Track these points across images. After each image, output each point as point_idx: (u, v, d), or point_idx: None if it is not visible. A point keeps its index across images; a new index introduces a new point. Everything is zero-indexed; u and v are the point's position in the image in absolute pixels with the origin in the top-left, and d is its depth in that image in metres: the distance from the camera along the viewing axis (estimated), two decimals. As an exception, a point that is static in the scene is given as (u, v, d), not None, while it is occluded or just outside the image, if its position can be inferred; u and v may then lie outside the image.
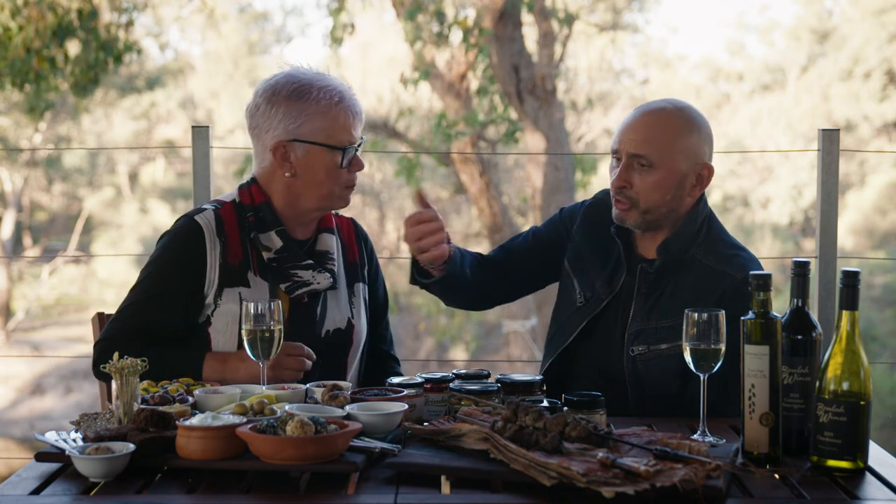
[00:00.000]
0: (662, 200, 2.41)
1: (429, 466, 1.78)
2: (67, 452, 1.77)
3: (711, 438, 1.96)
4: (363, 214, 15.55)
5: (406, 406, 1.99)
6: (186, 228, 2.43)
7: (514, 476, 1.73)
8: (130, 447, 1.77)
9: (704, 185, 2.46)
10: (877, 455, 1.92)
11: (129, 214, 17.83)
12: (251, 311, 2.10)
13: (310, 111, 2.41)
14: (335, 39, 10.94)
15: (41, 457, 1.84)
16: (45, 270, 16.45)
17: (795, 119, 16.63)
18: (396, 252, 15.07)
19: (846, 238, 15.36)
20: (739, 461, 1.82)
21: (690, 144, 2.41)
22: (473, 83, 10.43)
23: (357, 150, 2.48)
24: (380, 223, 16.18)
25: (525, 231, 2.73)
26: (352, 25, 10.96)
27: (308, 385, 2.15)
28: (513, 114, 10.29)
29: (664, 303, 2.40)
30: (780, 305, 1.92)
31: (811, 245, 14.59)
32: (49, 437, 1.89)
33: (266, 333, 2.10)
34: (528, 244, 2.66)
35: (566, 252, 2.61)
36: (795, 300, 1.93)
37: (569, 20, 10.59)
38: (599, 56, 16.41)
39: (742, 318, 1.84)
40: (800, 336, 1.91)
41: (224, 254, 2.42)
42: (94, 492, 1.72)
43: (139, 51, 10.19)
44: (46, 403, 13.66)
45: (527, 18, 10.22)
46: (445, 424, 1.94)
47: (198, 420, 1.81)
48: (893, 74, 15.83)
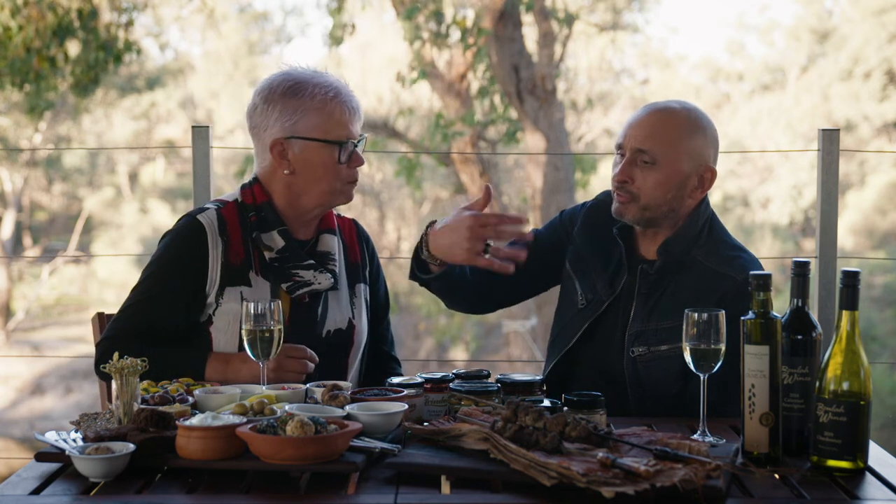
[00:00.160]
0: (663, 199, 2.41)
1: (429, 466, 1.78)
2: (67, 452, 1.77)
3: (711, 438, 1.96)
4: (363, 214, 15.54)
5: (406, 406, 1.99)
6: (189, 227, 2.44)
7: (514, 476, 1.73)
8: (130, 447, 1.77)
9: (707, 188, 2.45)
10: (877, 455, 1.92)
11: (129, 214, 17.84)
12: (251, 311, 2.10)
13: (305, 107, 2.41)
14: (335, 39, 10.95)
15: (41, 457, 1.84)
16: (45, 270, 16.45)
17: (795, 119, 16.63)
18: (396, 252, 15.06)
19: (846, 238, 15.36)
20: (739, 461, 1.82)
21: (695, 146, 2.41)
22: (474, 83, 10.43)
23: (357, 146, 2.47)
24: (380, 223, 16.17)
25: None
26: (352, 25, 10.97)
27: (308, 385, 2.15)
28: (513, 114, 10.29)
29: (665, 304, 2.40)
30: (780, 305, 1.92)
31: (811, 245, 14.59)
32: (49, 437, 1.89)
33: (266, 333, 2.10)
34: (529, 247, 2.65)
35: (567, 254, 2.61)
36: (795, 300, 1.93)
37: (569, 20, 10.60)
38: (599, 56, 16.41)
39: (742, 318, 1.84)
40: (800, 336, 1.91)
41: (226, 253, 2.42)
42: (94, 492, 1.72)
43: (139, 51, 10.20)
44: (46, 403, 13.66)
45: (527, 18, 10.22)
46: (445, 424, 1.94)
47: (198, 420, 1.81)
48: (893, 74, 15.83)
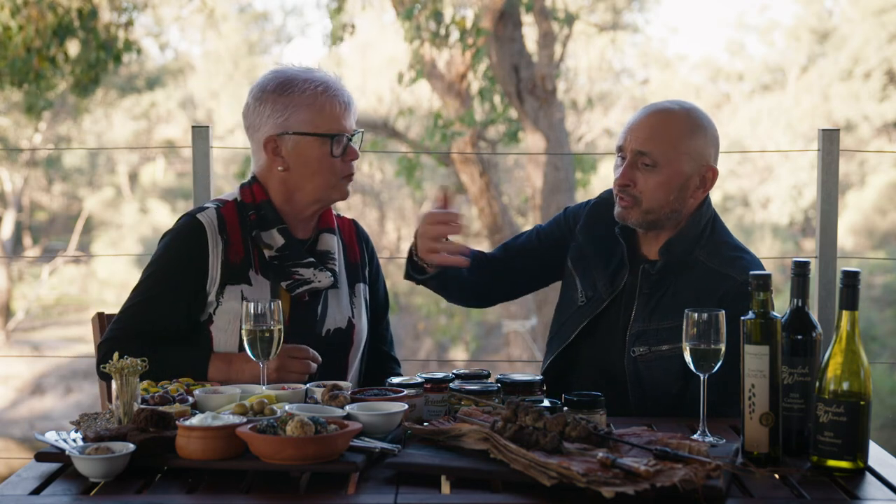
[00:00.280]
0: (665, 201, 2.40)
1: (429, 466, 1.78)
2: (67, 452, 1.77)
3: (711, 438, 1.96)
4: (363, 214, 15.55)
5: (406, 406, 1.99)
6: (188, 227, 2.44)
7: (514, 476, 1.73)
8: (130, 447, 1.77)
9: (708, 188, 2.45)
10: (877, 455, 1.92)
11: (129, 214, 17.84)
12: (251, 311, 2.10)
13: (295, 103, 2.42)
14: (335, 39, 10.94)
15: (41, 457, 1.84)
16: (45, 270, 16.45)
17: (795, 119, 16.63)
18: (396, 252, 15.06)
19: (846, 238, 15.36)
20: (739, 461, 1.82)
21: (696, 146, 2.41)
22: (473, 83, 10.43)
23: (351, 140, 2.48)
24: (380, 223, 16.18)
25: (528, 230, 2.72)
26: (351, 25, 10.96)
27: (308, 385, 2.15)
28: (513, 114, 10.29)
29: (666, 304, 2.40)
30: (781, 305, 1.92)
31: (811, 245, 14.59)
32: (49, 437, 1.89)
33: (266, 333, 2.10)
34: (532, 243, 2.65)
35: (569, 251, 2.61)
36: (795, 300, 1.93)
37: (569, 20, 10.59)
38: (599, 56, 16.41)
39: (742, 318, 1.84)
40: (800, 336, 1.91)
41: (226, 252, 2.42)
42: (94, 492, 1.72)
43: (139, 50, 10.20)
44: (46, 403, 13.66)
45: (527, 18, 10.22)
46: (445, 424, 1.94)
47: (198, 420, 1.81)
48: (893, 74, 15.83)
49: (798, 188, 16.21)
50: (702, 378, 1.97)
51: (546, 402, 2.06)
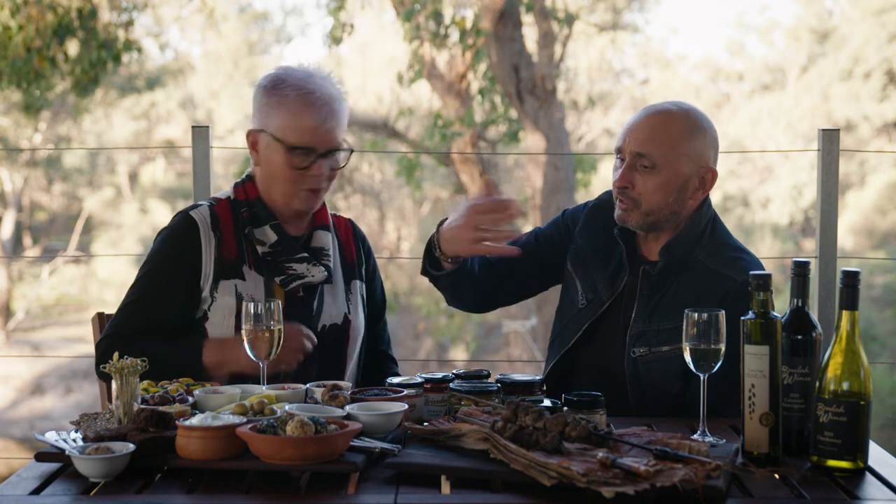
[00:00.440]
0: (665, 203, 2.40)
1: (429, 466, 1.78)
2: (67, 452, 1.77)
3: (711, 438, 1.96)
4: (363, 214, 15.54)
5: (406, 406, 1.99)
6: (182, 224, 2.45)
7: (514, 476, 1.73)
8: (130, 447, 1.77)
9: (708, 189, 2.44)
10: (877, 455, 1.92)
11: (129, 214, 17.84)
12: (251, 311, 2.10)
13: (278, 104, 2.42)
14: (335, 39, 10.94)
15: (41, 457, 1.84)
16: (45, 270, 16.45)
17: (795, 119, 16.63)
18: (396, 252, 15.06)
19: (846, 238, 15.36)
20: (739, 461, 1.82)
21: (695, 147, 2.40)
22: (473, 83, 10.43)
23: (324, 156, 2.41)
24: (380, 223, 16.17)
25: (528, 232, 2.71)
26: (351, 25, 10.96)
27: (308, 385, 2.15)
28: (513, 114, 10.29)
29: (666, 304, 2.40)
30: (781, 305, 1.92)
31: (811, 245, 14.59)
32: (49, 437, 1.89)
33: (266, 333, 2.10)
34: (531, 245, 2.64)
35: (569, 253, 2.60)
36: (795, 300, 1.93)
37: (569, 20, 10.60)
38: (599, 56, 16.41)
39: (742, 318, 1.84)
40: (800, 336, 1.91)
41: (219, 248, 2.43)
42: (94, 492, 1.72)
43: (139, 50, 10.20)
44: (46, 403, 13.66)
45: (527, 19, 10.22)
46: (445, 424, 1.94)
47: (198, 420, 1.81)
48: (893, 74, 15.83)
49: (798, 188, 16.21)
50: (702, 378, 1.97)
51: (546, 402, 2.06)
